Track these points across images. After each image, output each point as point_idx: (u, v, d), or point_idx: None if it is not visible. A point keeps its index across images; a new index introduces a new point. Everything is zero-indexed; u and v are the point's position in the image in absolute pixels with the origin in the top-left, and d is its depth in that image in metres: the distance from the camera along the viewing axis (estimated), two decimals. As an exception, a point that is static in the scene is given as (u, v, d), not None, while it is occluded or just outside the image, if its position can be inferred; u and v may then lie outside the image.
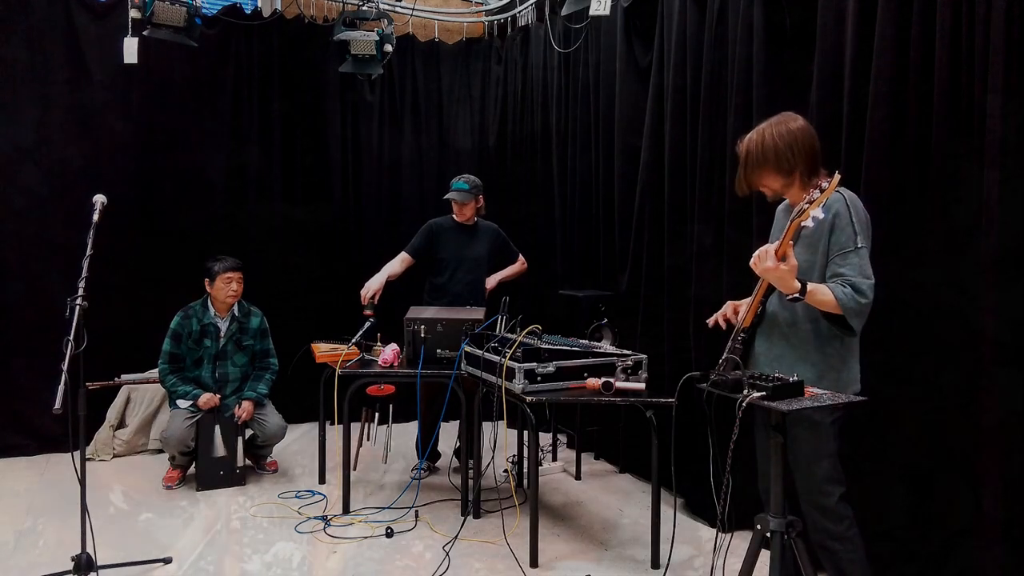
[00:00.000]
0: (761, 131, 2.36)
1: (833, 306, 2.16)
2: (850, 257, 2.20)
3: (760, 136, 2.35)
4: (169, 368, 4.10)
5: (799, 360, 2.31)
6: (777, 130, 2.33)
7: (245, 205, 5.24)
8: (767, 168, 2.33)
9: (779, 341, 2.38)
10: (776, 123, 2.35)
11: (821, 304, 2.19)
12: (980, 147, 2.43)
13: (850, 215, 2.23)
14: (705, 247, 3.70)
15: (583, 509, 3.86)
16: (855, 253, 2.20)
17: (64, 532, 3.40)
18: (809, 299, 2.17)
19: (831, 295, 2.16)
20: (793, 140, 2.30)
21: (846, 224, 2.22)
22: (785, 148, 2.30)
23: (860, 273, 2.18)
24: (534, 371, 3.14)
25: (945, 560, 2.56)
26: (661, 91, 4.07)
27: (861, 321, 2.21)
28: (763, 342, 2.43)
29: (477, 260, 4.36)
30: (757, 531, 2.09)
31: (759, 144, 2.34)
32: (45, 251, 4.61)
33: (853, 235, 2.21)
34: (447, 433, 4.60)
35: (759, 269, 2.18)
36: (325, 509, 3.75)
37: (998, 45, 2.35)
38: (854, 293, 2.16)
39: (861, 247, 2.21)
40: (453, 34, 6.01)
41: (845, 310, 2.16)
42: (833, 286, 2.18)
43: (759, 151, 2.33)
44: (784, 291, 2.19)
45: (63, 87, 4.65)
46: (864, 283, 2.17)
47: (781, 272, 2.13)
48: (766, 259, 2.14)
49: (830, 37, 2.99)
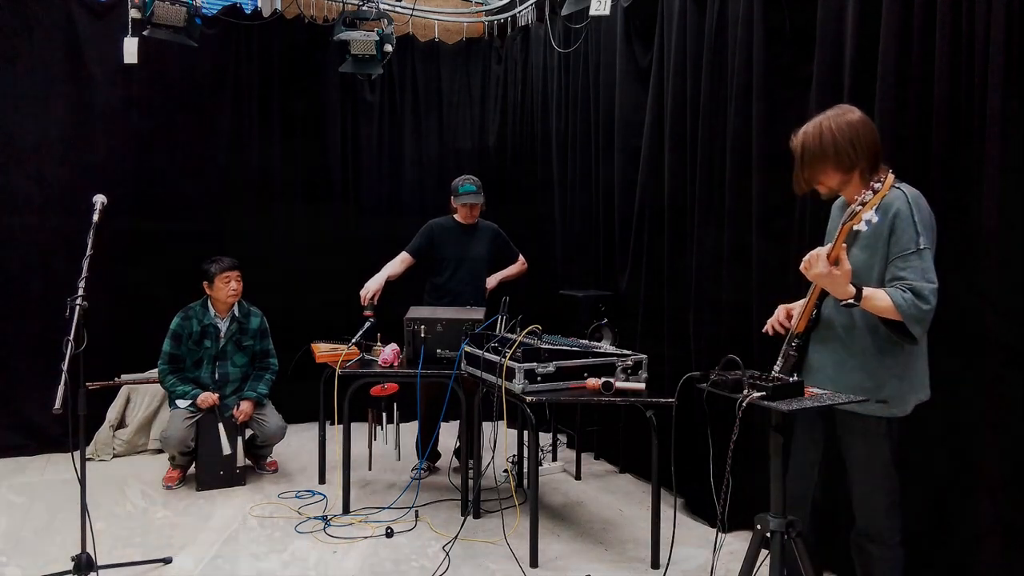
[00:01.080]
0: (818, 123, 2.21)
1: (891, 312, 2.04)
2: (911, 260, 2.07)
3: (818, 129, 2.19)
4: (169, 368, 4.10)
5: (857, 368, 2.21)
6: (836, 123, 2.17)
7: (245, 205, 5.23)
8: (826, 164, 2.18)
9: (836, 348, 2.26)
10: (834, 115, 2.20)
11: (878, 310, 2.07)
12: (981, 147, 2.43)
13: (912, 215, 2.09)
14: (705, 247, 3.70)
15: (583, 509, 3.86)
16: (917, 255, 2.07)
17: (64, 532, 3.40)
18: (865, 305, 2.07)
19: (889, 300, 2.04)
20: (854, 134, 2.15)
21: (907, 224, 2.08)
22: (846, 143, 2.15)
23: (922, 277, 2.05)
24: (534, 371, 3.14)
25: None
26: (661, 91, 4.07)
27: (923, 328, 2.07)
28: (819, 349, 2.32)
29: (477, 260, 4.35)
30: (757, 531, 2.09)
31: (817, 138, 2.18)
32: (45, 251, 4.61)
33: (915, 236, 2.07)
34: (447, 433, 4.61)
35: (811, 274, 2.08)
36: (325, 509, 3.75)
37: (999, 44, 2.35)
38: (914, 298, 2.03)
39: (924, 248, 2.07)
40: (453, 34, 6.01)
41: (904, 316, 2.03)
42: (892, 291, 2.06)
43: (817, 145, 2.18)
44: (838, 297, 2.09)
45: (63, 87, 4.65)
46: (926, 287, 2.04)
47: (834, 277, 2.03)
48: (817, 263, 2.03)
49: (830, 37, 2.99)
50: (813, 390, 2.13)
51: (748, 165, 3.41)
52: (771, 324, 2.47)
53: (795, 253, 3.15)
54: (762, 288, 3.35)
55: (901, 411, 2.20)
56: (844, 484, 2.34)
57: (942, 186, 2.55)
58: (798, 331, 2.30)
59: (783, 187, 3.23)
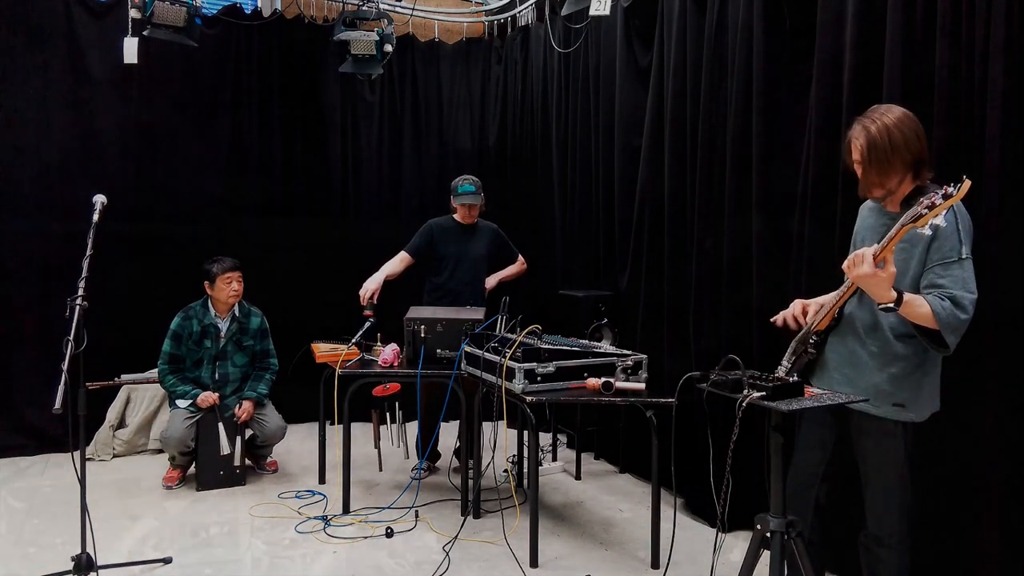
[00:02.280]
0: (878, 121, 2.12)
1: (929, 319, 2.00)
2: (953, 268, 2.03)
3: (882, 127, 2.10)
4: (169, 368, 4.10)
5: (876, 369, 2.19)
6: (893, 115, 2.10)
7: (245, 204, 5.23)
8: (896, 159, 2.10)
9: (855, 348, 2.24)
10: (883, 112, 2.13)
11: (916, 317, 2.02)
12: (981, 147, 2.43)
13: (956, 222, 2.04)
14: (705, 247, 3.70)
15: (583, 509, 3.86)
16: (959, 264, 2.03)
17: (64, 532, 3.40)
18: (904, 310, 2.01)
19: (928, 308, 2.00)
20: (913, 124, 2.11)
21: (951, 232, 2.03)
22: (912, 135, 2.09)
23: (963, 287, 2.01)
24: (534, 371, 3.14)
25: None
26: (661, 91, 4.07)
27: (957, 338, 2.04)
28: (837, 347, 2.29)
29: (477, 260, 4.35)
30: (757, 531, 2.09)
31: (885, 135, 2.09)
32: (45, 251, 4.61)
33: (958, 244, 2.03)
34: (447, 433, 4.60)
35: (854, 274, 2.01)
36: (325, 509, 3.75)
37: (999, 43, 2.36)
38: (953, 307, 1.99)
39: (966, 258, 2.04)
40: (453, 34, 6.01)
41: (942, 325, 1.99)
42: (931, 298, 2.02)
43: (886, 143, 2.09)
44: (878, 300, 2.03)
45: (63, 87, 4.65)
46: (966, 298, 2.01)
47: (879, 279, 1.97)
48: (862, 263, 1.97)
49: (830, 37, 2.99)
50: (813, 390, 2.12)
51: (748, 165, 3.42)
52: (784, 316, 2.42)
53: (795, 252, 3.17)
54: (762, 288, 3.35)
55: (918, 416, 2.19)
56: (851, 487, 2.33)
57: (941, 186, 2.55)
58: (819, 328, 2.28)
59: (783, 187, 3.26)
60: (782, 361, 2.35)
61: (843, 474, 2.39)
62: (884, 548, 2.22)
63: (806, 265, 3.08)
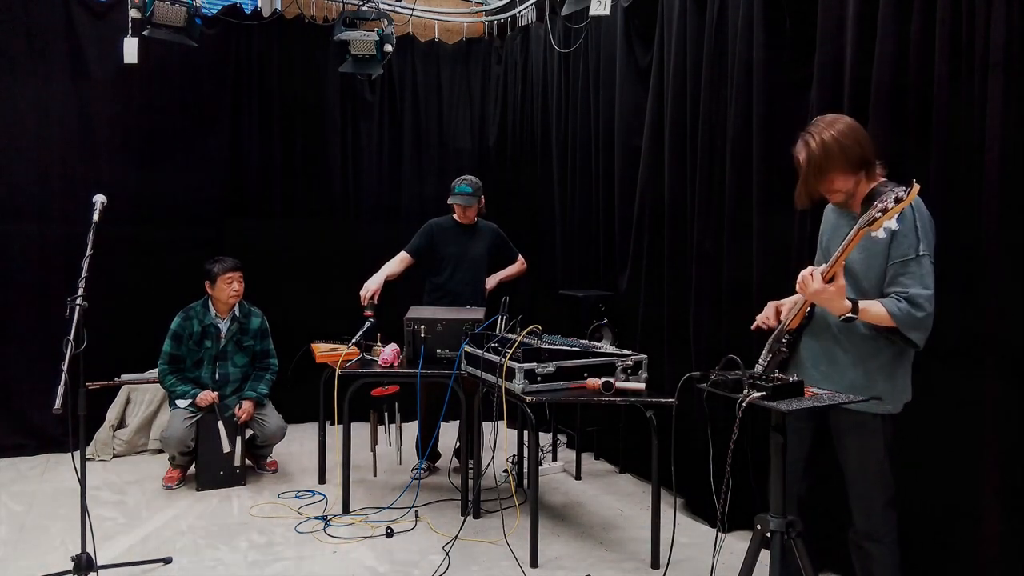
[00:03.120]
0: (816, 135, 2.20)
1: (888, 321, 2.07)
2: (910, 266, 2.09)
3: (818, 139, 2.18)
4: (168, 368, 4.10)
5: (850, 364, 2.24)
6: (834, 128, 2.18)
7: (245, 204, 5.23)
8: (836, 167, 2.17)
9: (830, 344, 2.28)
10: (827, 124, 2.20)
11: (876, 320, 2.09)
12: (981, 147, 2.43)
13: (914, 220, 2.10)
14: (705, 247, 3.70)
15: (583, 509, 3.86)
16: (916, 262, 2.09)
17: (64, 532, 3.40)
18: (863, 317, 2.08)
19: (884, 311, 2.07)
20: (853, 132, 2.17)
21: (909, 230, 2.09)
22: (852, 143, 2.15)
23: (919, 283, 2.07)
24: (534, 371, 3.14)
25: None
26: (661, 91, 4.07)
27: (922, 335, 2.10)
28: (812, 344, 2.33)
29: (477, 260, 4.35)
30: (757, 531, 2.09)
31: (821, 146, 2.17)
32: (45, 251, 4.61)
33: (915, 242, 2.09)
34: (447, 433, 4.60)
35: (807, 293, 2.09)
36: (325, 509, 3.75)
37: (999, 43, 2.35)
38: (909, 307, 2.06)
39: (923, 255, 2.09)
40: (453, 34, 6.01)
41: (900, 325, 2.06)
42: (887, 301, 2.09)
43: (822, 153, 2.16)
44: (834, 313, 2.10)
45: (63, 87, 4.65)
46: (922, 294, 2.06)
47: (830, 294, 2.04)
48: (812, 282, 2.05)
49: (830, 37, 2.99)
50: (813, 390, 2.13)
51: (748, 165, 3.41)
52: (760, 320, 2.50)
53: (795, 252, 3.17)
54: (762, 288, 3.34)
55: (894, 407, 2.23)
56: (835, 483, 2.34)
57: (941, 187, 2.55)
58: (791, 327, 2.31)
59: (783, 187, 3.25)
60: (759, 360, 2.36)
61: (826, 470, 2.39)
62: (873, 543, 2.24)
63: (806, 265, 3.05)
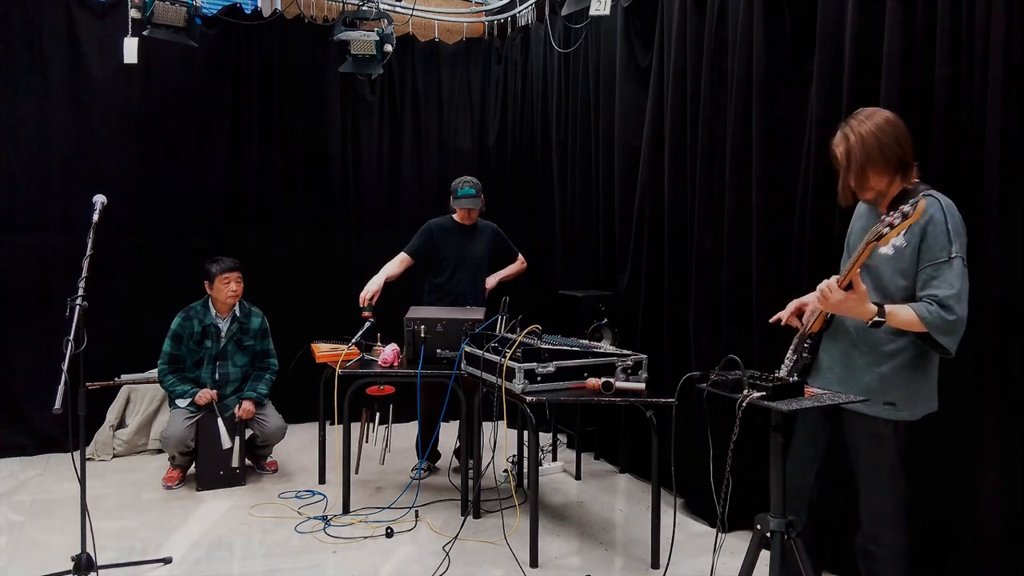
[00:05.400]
0: (854, 129, 2.16)
1: (918, 326, 2.04)
2: (942, 269, 2.05)
3: (857, 135, 2.14)
4: (168, 368, 4.10)
5: (866, 368, 2.21)
6: (874, 123, 2.14)
7: (244, 204, 5.23)
8: (875, 166, 2.13)
9: (847, 348, 2.26)
10: (866, 117, 2.17)
11: (905, 325, 2.06)
12: (980, 147, 2.43)
13: (946, 222, 2.06)
14: (705, 247, 3.70)
15: (583, 509, 3.86)
16: (947, 264, 2.04)
17: (64, 532, 3.39)
18: (890, 322, 2.05)
19: (914, 315, 2.04)
20: (893, 129, 2.13)
21: (940, 232, 2.05)
22: (891, 140, 2.12)
23: (949, 287, 2.03)
24: (534, 371, 3.14)
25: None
26: (661, 91, 4.07)
27: (953, 339, 2.05)
28: (830, 347, 2.31)
29: (477, 260, 4.35)
30: (757, 531, 2.09)
31: (860, 144, 2.13)
32: (45, 251, 4.61)
33: (947, 244, 2.05)
34: (447, 433, 4.61)
35: (829, 306, 2.09)
36: (325, 509, 3.75)
37: (999, 42, 2.36)
38: (940, 310, 2.02)
39: (955, 257, 2.05)
40: (453, 34, 6.01)
41: (931, 329, 2.03)
42: (917, 305, 2.05)
43: (861, 152, 2.13)
44: (861, 319, 2.08)
45: (63, 87, 4.65)
46: (952, 297, 2.02)
47: (852, 302, 2.03)
48: (830, 294, 2.05)
49: (830, 37, 2.99)
50: (813, 390, 2.12)
51: (748, 165, 3.41)
52: (781, 316, 2.47)
53: (795, 252, 3.17)
54: (762, 288, 3.35)
55: (910, 415, 2.19)
56: (848, 487, 2.33)
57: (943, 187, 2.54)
58: (812, 331, 2.29)
59: (783, 186, 3.26)
60: (784, 360, 2.36)
61: (838, 475, 2.38)
62: (881, 549, 2.21)
63: (806, 265, 3.08)
